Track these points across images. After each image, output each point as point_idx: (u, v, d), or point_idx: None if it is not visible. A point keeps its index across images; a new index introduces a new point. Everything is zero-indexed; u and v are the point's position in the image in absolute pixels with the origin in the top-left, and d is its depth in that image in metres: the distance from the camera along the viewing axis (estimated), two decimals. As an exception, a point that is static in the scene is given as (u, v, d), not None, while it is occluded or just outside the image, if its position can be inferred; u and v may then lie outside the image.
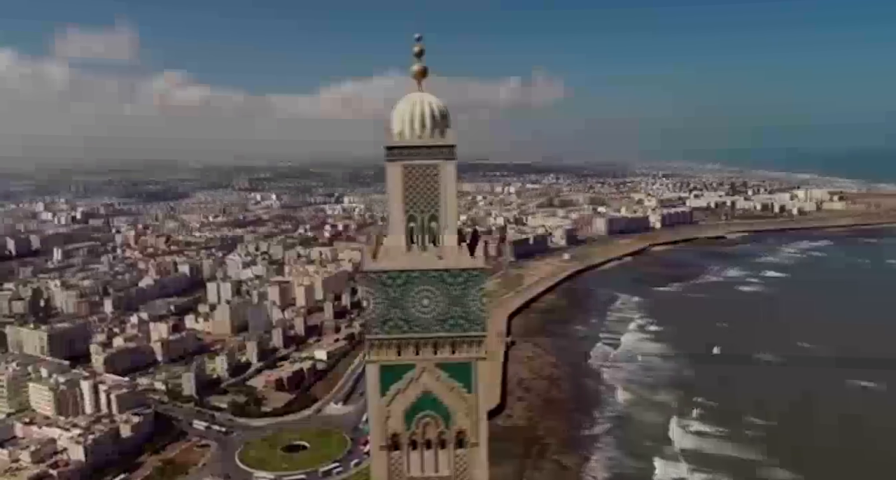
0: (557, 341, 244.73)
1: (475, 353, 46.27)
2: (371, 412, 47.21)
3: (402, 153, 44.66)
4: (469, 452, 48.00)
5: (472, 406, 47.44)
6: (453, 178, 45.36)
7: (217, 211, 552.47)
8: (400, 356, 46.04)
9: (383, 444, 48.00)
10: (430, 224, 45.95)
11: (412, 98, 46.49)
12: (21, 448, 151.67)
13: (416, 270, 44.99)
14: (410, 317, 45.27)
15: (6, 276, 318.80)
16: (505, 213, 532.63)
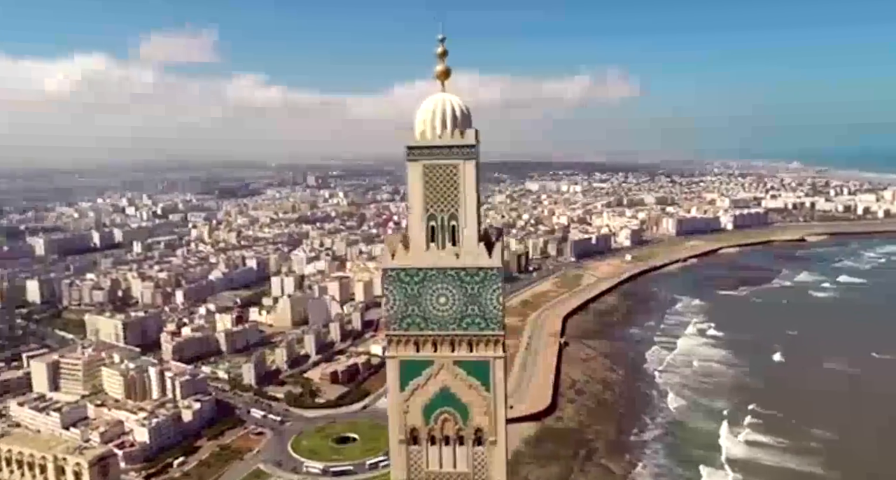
0: (613, 343, 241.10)
1: (493, 352, 46.83)
2: (390, 406, 48.42)
3: (422, 153, 45.63)
4: (487, 450, 48.39)
5: (490, 405, 47.76)
6: (473, 178, 45.85)
7: (287, 208, 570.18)
8: (418, 352, 47.08)
9: (402, 438, 49.36)
10: (450, 223, 46.46)
11: (434, 98, 47.57)
12: (92, 428, 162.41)
13: (434, 268, 45.84)
14: (428, 315, 46.15)
15: (89, 267, 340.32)
16: (569, 213, 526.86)
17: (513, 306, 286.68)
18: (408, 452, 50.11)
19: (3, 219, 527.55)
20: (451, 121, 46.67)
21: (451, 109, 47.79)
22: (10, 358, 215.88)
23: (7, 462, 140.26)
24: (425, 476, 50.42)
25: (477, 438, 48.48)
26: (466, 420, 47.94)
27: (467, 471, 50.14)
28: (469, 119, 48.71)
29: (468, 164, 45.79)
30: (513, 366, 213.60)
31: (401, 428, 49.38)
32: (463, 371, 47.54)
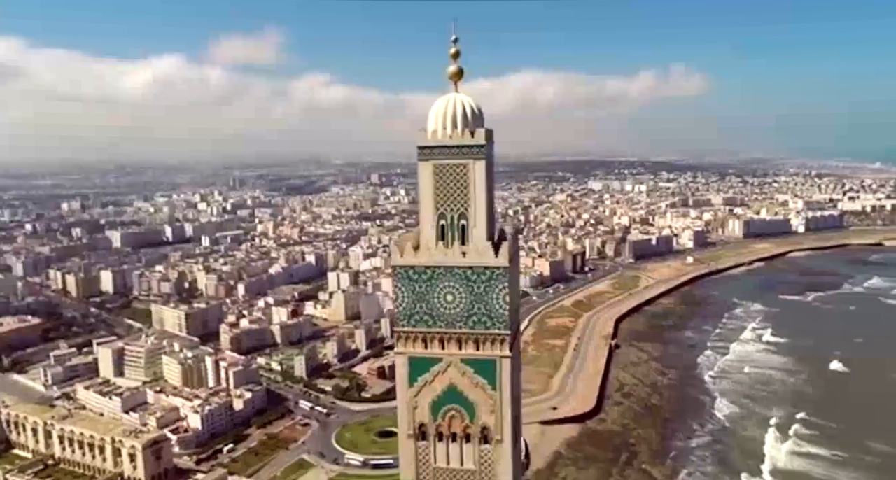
0: (666, 347, 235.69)
1: (499, 351, 47.15)
2: (399, 401, 49.34)
3: (432, 152, 46.16)
4: (494, 448, 48.54)
5: (497, 404, 47.96)
6: (483, 177, 46.27)
7: (349, 205, 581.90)
8: (426, 349, 47.84)
9: (410, 433, 50.26)
10: (460, 222, 46.82)
11: (446, 98, 48.18)
12: (150, 413, 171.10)
13: (441, 266, 46.43)
14: (436, 312, 46.78)
15: (160, 260, 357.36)
16: (631, 212, 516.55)
17: (565, 306, 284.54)
18: (416, 447, 50.85)
19: (86, 214, 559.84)
20: (461, 121, 47.18)
21: (461, 109, 48.16)
22: (81, 344, 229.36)
23: (70, 442, 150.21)
24: (433, 471, 51.07)
25: (483, 436, 48.80)
26: (473, 418, 48.33)
27: (473, 469, 50.40)
28: (481, 119, 49.09)
29: (478, 164, 46.23)
30: (560, 367, 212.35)
31: (409, 424, 50.19)
32: (470, 369, 47.98)
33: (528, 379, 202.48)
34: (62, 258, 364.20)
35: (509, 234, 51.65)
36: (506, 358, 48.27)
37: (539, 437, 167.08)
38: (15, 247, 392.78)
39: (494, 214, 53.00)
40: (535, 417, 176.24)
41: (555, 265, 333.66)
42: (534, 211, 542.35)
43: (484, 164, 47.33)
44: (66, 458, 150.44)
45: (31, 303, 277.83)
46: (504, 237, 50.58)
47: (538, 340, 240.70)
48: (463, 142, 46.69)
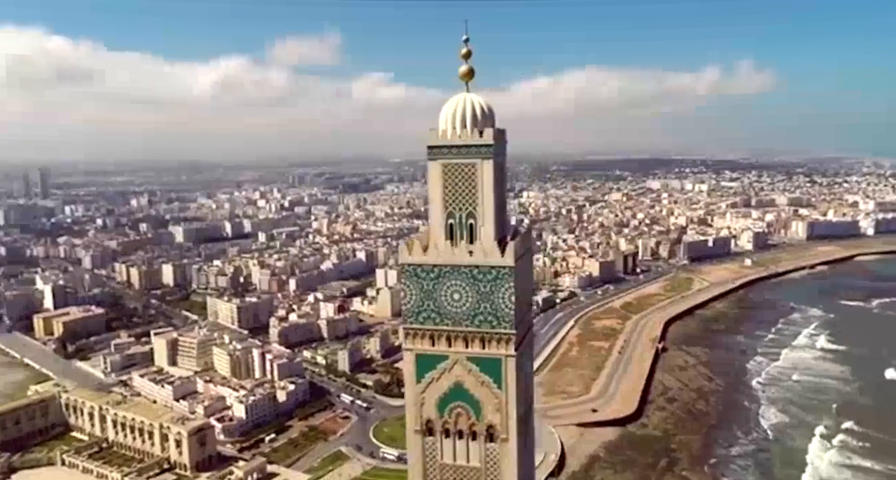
0: (715, 352, 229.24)
1: (504, 350, 47.42)
2: (407, 397, 50.70)
3: (441, 152, 46.81)
4: (500, 447, 48.88)
5: (502, 402, 48.28)
6: (491, 177, 46.53)
7: (402, 203, 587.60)
8: (433, 346, 48.60)
9: (417, 429, 51.59)
10: (468, 221, 47.29)
11: (456, 98, 49.07)
12: (198, 402, 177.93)
13: (448, 265, 47.00)
14: (442, 310, 47.40)
15: (218, 254, 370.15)
16: (689, 213, 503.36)
17: (614, 308, 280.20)
18: (423, 443, 51.87)
19: (153, 210, 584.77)
20: (470, 121, 47.68)
21: (471, 109, 48.74)
22: (140, 334, 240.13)
23: (122, 426, 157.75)
24: (439, 467, 52.03)
25: (489, 434, 49.18)
26: (479, 416, 48.82)
27: (479, 466, 50.98)
28: (491, 119, 49.44)
29: (486, 163, 46.45)
30: (602, 370, 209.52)
31: (417, 419, 51.38)
32: (476, 367, 48.45)
33: (569, 381, 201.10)
34: (128, 252, 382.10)
35: (519, 234, 52.00)
36: (511, 357, 48.48)
37: (576, 439, 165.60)
38: (85, 241, 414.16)
39: (506, 214, 53.20)
40: (573, 419, 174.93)
41: (605, 265, 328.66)
42: (588, 210, 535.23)
43: (492, 164, 47.52)
44: (119, 442, 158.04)
45: (97, 294, 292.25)
46: (516, 236, 50.85)
47: (583, 342, 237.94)
48: (471, 142, 47.03)
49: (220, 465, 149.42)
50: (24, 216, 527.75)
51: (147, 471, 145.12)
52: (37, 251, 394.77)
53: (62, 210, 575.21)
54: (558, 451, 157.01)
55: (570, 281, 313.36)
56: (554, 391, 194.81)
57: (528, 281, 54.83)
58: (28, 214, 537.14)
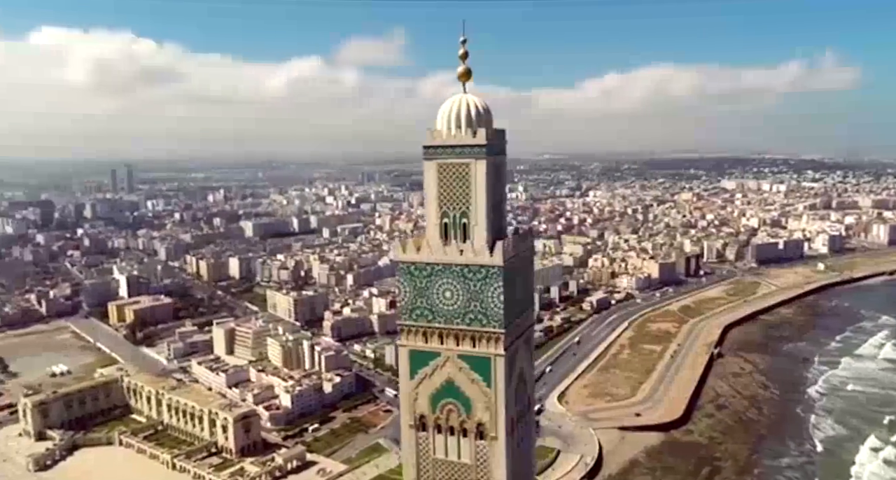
0: (775, 359, 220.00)
1: (493, 349, 47.98)
2: (401, 392, 51.89)
3: (436, 152, 47.54)
4: (489, 445, 49.58)
5: (492, 401, 48.94)
6: (484, 177, 47.01)
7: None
8: (426, 343, 49.62)
9: (411, 424, 52.69)
10: (462, 220, 48.11)
11: (453, 99, 49.84)
12: (248, 390, 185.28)
13: (440, 263, 47.97)
14: (435, 308, 48.39)
15: (282, 249, 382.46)
16: (762, 214, 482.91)
17: (671, 311, 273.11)
18: (416, 438, 52.85)
19: (227, 205, 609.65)
20: (465, 121, 48.39)
21: (465, 109, 49.32)
22: (203, 323, 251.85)
23: (176, 410, 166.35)
24: (432, 462, 52.98)
25: (479, 432, 49.89)
26: (469, 413, 49.62)
27: (469, 463, 51.60)
28: (485, 119, 49.82)
29: (479, 163, 46.94)
30: (651, 374, 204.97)
31: (410, 414, 52.29)
32: (466, 365, 49.21)
33: (615, 384, 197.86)
34: (200, 245, 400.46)
35: (514, 235, 52.33)
36: (499, 356, 48.75)
37: (616, 443, 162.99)
38: (162, 234, 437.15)
39: (503, 214, 53.34)
40: (615, 422, 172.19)
41: (665, 267, 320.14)
42: (654, 210, 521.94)
43: (485, 164, 47.82)
44: (173, 425, 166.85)
45: (168, 285, 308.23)
46: (525, 237, 51.19)
47: (634, 345, 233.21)
48: (464, 142, 47.52)
49: (264, 451, 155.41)
50: (110, 209, 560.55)
51: (195, 454, 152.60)
52: (118, 242, 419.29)
53: (145, 204, 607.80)
54: (595, 454, 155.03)
55: (628, 283, 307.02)
56: (599, 393, 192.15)
57: (525, 281, 54.68)
58: (114, 208, 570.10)
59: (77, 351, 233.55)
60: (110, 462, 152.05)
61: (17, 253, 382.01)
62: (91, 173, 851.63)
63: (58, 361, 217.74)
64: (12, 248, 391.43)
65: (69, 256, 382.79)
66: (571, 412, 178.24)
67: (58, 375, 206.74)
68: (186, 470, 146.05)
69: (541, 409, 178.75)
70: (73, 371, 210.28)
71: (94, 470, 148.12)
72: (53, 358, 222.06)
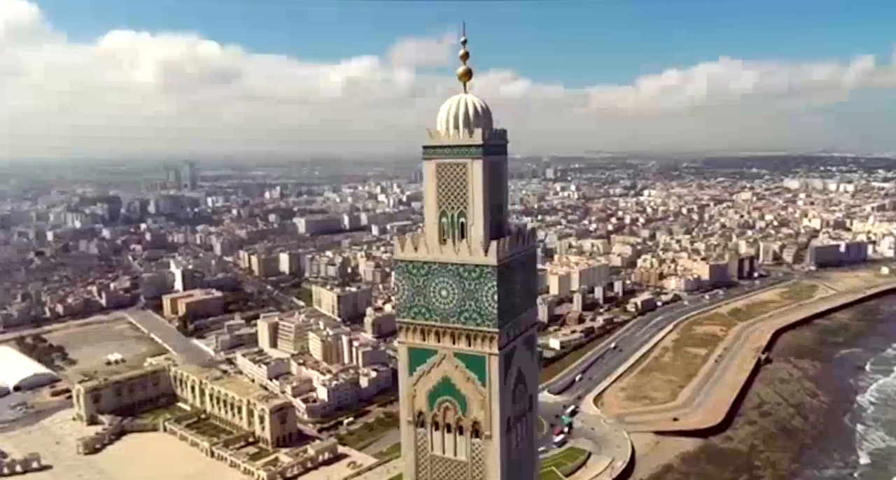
0: (826, 366, 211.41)
1: (488, 349, 48.39)
2: (401, 388, 53.08)
3: (435, 151, 48.25)
4: (484, 443, 50.18)
5: (487, 400, 49.46)
6: (481, 176, 47.39)
7: (515, 200, 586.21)
8: (424, 341, 50.50)
9: (410, 420, 53.88)
10: (459, 220, 48.72)
11: (453, 99, 50.32)
12: (288, 382, 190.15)
13: (437, 262, 48.67)
14: (432, 306, 49.17)
15: (331, 246, 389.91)
16: (825, 215, 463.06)
17: (719, 314, 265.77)
18: (415, 434, 53.83)
19: (283, 202, 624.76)
20: (462, 121, 48.79)
21: (464, 110, 49.63)
22: (251, 317, 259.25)
23: (217, 400, 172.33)
24: (430, 458, 53.80)
25: (475, 430, 50.42)
26: (465, 411, 50.26)
27: (465, 460, 52.14)
28: (485, 119, 50.06)
29: (476, 163, 47.34)
30: (693, 378, 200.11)
31: (409, 410, 53.38)
32: (462, 363, 49.77)
33: (654, 387, 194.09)
34: (254, 240, 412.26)
35: (526, 234, 52.48)
36: (493, 355, 49.04)
37: (651, 447, 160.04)
38: (219, 229, 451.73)
39: (503, 213, 53.37)
40: (650, 426, 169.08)
41: (716, 269, 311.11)
42: (711, 210, 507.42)
43: (482, 164, 48.27)
44: (214, 414, 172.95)
45: (220, 279, 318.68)
46: (526, 236, 51.42)
47: (678, 348, 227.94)
48: (461, 142, 47.85)
49: (299, 442, 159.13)
50: (172, 205, 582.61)
51: (233, 443, 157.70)
52: (178, 237, 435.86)
53: (205, 200, 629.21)
54: (627, 457, 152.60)
55: (676, 284, 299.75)
56: (636, 396, 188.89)
57: (526, 281, 54.31)
58: (176, 204, 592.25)
59: (132, 341, 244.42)
60: (154, 448, 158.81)
61: (83, 247, 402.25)
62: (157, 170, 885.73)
63: (113, 350, 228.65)
64: (79, 242, 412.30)
65: (132, 250, 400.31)
66: (606, 414, 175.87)
67: (112, 363, 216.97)
68: (224, 458, 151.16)
69: (575, 411, 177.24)
70: (126, 359, 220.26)
71: (138, 455, 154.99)
72: (110, 347, 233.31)
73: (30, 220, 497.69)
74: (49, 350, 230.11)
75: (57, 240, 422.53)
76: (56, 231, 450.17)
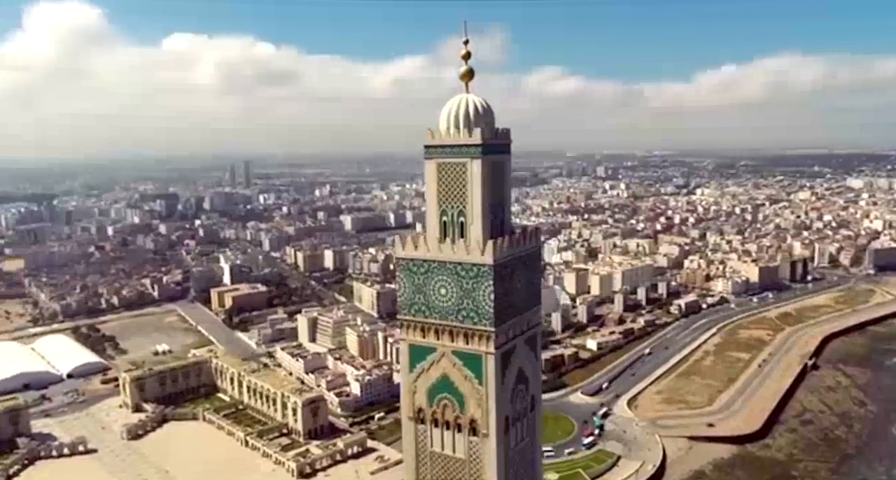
0: (879, 374, 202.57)
1: (484, 347, 48.91)
2: (402, 385, 53.92)
3: (435, 151, 48.98)
4: (481, 441, 50.78)
5: (483, 398, 49.97)
6: (480, 176, 47.85)
7: (561, 198, 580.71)
8: (424, 338, 51.24)
9: (410, 416, 54.66)
10: (459, 219, 49.36)
11: (455, 98, 50.83)
12: (323, 376, 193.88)
13: (436, 261, 49.39)
14: (431, 304, 49.92)
15: (375, 243, 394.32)
16: (889, 216, 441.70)
17: (767, 318, 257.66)
18: (416, 430, 54.60)
19: (331, 199, 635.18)
20: (463, 121, 49.21)
21: (464, 109, 49.98)
22: (293, 311, 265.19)
23: (254, 392, 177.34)
24: (429, 454, 54.55)
25: (472, 428, 50.92)
26: (463, 409, 50.78)
27: (463, 458, 52.74)
28: (485, 118, 50.10)
29: (475, 163, 47.81)
30: (734, 383, 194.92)
31: (410, 407, 54.05)
32: (460, 361, 50.31)
33: (692, 391, 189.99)
34: (301, 237, 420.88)
35: (529, 233, 52.73)
36: (490, 354, 49.47)
37: (683, 453, 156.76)
38: (269, 226, 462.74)
39: (505, 213, 53.51)
40: (684, 431, 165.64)
41: (766, 271, 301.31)
42: (766, 210, 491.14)
43: (480, 163, 48.71)
44: (251, 405, 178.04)
45: (266, 274, 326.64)
46: (528, 236, 51.73)
47: (721, 352, 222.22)
48: (460, 142, 48.33)
49: (330, 435, 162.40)
50: (227, 202, 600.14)
51: (266, 434, 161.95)
52: (229, 233, 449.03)
53: (257, 198, 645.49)
54: (657, 462, 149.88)
55: (723, 286, 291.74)
56: (672, 400, 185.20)
57: (528, 280, 54.04)
58: (230, 201, 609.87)
59: (180, 333, 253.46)
60: (192, 436, 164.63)
61: (140, 242, 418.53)
62: (215, 169, 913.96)
63: (162, 341, 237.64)
64: (137, 237, 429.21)
65: (185, 245, 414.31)
66: (640, 417, 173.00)
67: (160, 354, 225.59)
68: (257, 448, 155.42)
69: (607, 413, 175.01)
70: (173, 350, 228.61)
71: (177, 442, 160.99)
72: (159, 338, 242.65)
73: (93, 216, 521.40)
74: (102, 339, 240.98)
75: (116, 234, 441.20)
76: (116, 226, 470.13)
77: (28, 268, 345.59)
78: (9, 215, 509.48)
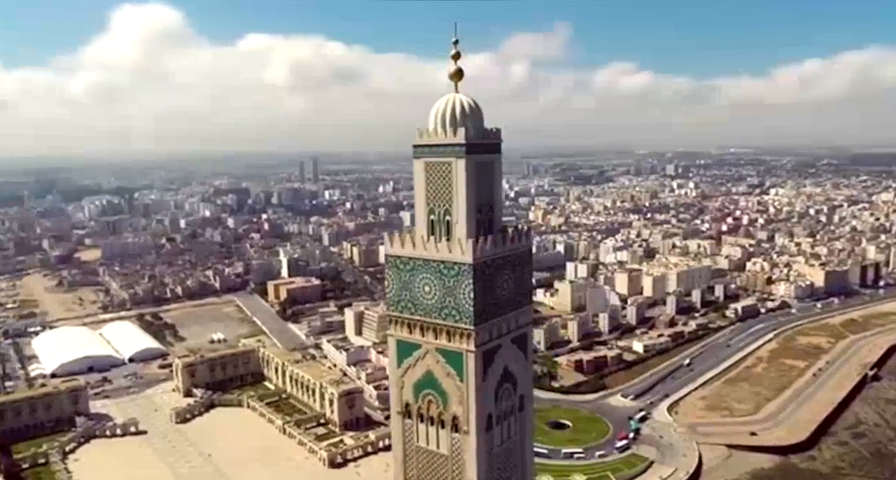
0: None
1: (465, 345, 50.02)
2: (390, 380, 56.46)
3: (423, 150, 50.30)
4: (462, 438, 51.97)
5: (464, 396, 51.08)
6: (464, 175, 48.74)
7: (625, 197, 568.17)
8: (410, 334, 52.82)
9: (399, 410, 56.78)
10: (446, 217, 50.52)
11: (443, 98, 52.08)
12: (364, 369, 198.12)
13: (420, 258, 50.91)
14: (416, 301, 51.45)
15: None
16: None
17: (830, 324, 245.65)
18: (403, 424, 56.49)
19: (394, 195, 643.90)
20: (449, 121, 50.30)
21: (451, 109, 51.05)
22: (344, 305, 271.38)
23: (295, 382, 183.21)
24: (415, 449, 56.36)
25: (454, 425, 52.26)
26: (445, 406, 52.14)
27: (446, 454, 54.22)
28: (472, 118, 51.02)
29: (459, 162, 48.74)
30: (784, 391, 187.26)
31: (398, 401, 56.11)
32: (443, 358, 51.70)
33: (738, 398, 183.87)
34: (360, 232, 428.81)
35: (522, 232, 53.65)
36: (470, 352, 50.69)
37: (721, 461, 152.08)
38: (330, 221, 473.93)
39: (495, 212, 54.16)
40: (724, 439, 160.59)
41: (833, 275, 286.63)
42: (842, 211, 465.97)
43: (464, 163, 49.83)
44: (293, 395, 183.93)
45: (322, 268, 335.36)
46: (522, 234, 52.72)
47: (775, 358, 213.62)
48: (445, 141, 49.45)
49: (365, 427, 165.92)
50: (293, 198, 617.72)
51: (304, 423, 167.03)
52: (292, 227, 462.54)
53: (322, 193, 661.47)
54: (691, 469, 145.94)
55: (785, 290, 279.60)
56: (716, 406, 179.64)
57: (516, 280, 54.29)
58: (296, 196, 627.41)
59: (235, 323, 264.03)
60: (235, 422, 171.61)
61: (209, 234, 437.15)
62: (286, 165, 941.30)
63: (218, 330, 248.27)
64: (206, 229, 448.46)
65: (250, 238, 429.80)
66: (679, 423, 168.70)
67: (215, 342, 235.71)
68: (293, 436, 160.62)
69: (645, 417, 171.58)
70: (228, 339, 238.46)
71: (221, 428, 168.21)
72: (215, 327, 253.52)
73: (168, 209, 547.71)
74: (163, 327, 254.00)
75: (187, 227, 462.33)
76: (188, 219, 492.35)
77: (104, 258, 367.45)
78: (92, 207, 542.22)
